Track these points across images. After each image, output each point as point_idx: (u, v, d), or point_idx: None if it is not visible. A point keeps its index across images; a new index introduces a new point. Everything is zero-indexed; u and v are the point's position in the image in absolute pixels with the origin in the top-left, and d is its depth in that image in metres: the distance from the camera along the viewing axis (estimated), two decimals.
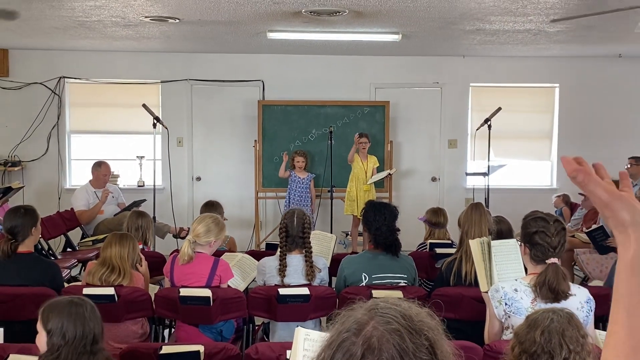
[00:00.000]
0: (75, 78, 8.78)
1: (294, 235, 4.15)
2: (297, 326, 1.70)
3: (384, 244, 4.24)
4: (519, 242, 3.25)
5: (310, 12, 5.80)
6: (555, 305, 2.97)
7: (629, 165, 7.57)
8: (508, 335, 3.09)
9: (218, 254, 4.53)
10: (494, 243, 3.41)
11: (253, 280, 4.63)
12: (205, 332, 4.06)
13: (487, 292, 3.25)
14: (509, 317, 3.07)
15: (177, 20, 6.27)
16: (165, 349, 3.06)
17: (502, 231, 4.48)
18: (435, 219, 5.49)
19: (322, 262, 4.30)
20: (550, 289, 2.97)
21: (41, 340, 2.55)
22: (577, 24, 6.29)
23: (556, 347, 2.10)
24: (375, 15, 5.96)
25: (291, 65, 8.82)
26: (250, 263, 4.87)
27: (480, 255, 3.38)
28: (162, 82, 8.85)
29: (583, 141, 9.08)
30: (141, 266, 4.39)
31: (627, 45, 7.86)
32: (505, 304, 3.06)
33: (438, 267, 4.52)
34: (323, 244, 4.98)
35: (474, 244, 3.43)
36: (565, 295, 2.99)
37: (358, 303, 1.23)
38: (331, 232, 6.81)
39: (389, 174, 7.91)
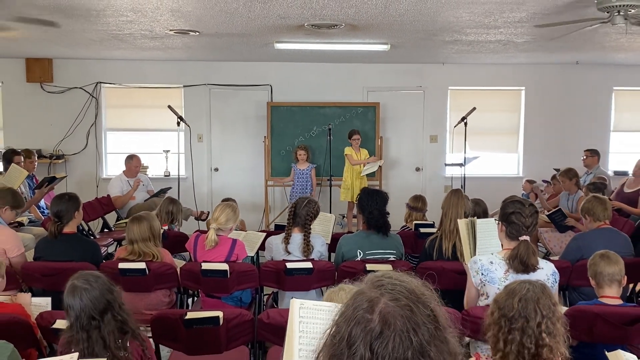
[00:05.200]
0: (110, 83, 8.73)
1: (298, 215, 4.14)
2: (292, 297, 1.68)
3: (376, 225, 4.21)
4: (497, 221, 3.22)
5: (312, 26, 5.76)
6: (525, 276, 2.95)
7: (584, 157, 7.55)
8: (483, 301, 3.07)
9: None
10: (479, 221, 3.38)
11: (262, 256, 4.63)
12: (227, 300, 4.05)
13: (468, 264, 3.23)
14: (484, 285, 3.05)
15: (198, 33, 6.23)
16: (190, 315, 3.04)
17: (480, 212, 4.46)
18: (414, 203, 5.51)
19: (320, 241, 4.26)
20: (521, 262, 2.94)
21: None
22: (540, 35, 6.26)
23: (531, 313, 2.09)
24: (368, 28, 5.92)
25: (295, 71, 8.78)
26: (255, 236, 4.90)
27: (466, 232, 3.35)
28: (184, 86, 8.81)
29: (545, 136, 9.08)
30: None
31: (584, 53, 7.82)
32: (482, 274, 3.03)
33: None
34: (324, 223, 4.96)
35: (462, 223, 3.40)
36: (534, 268, 2.96)
37: (360, 278, 1.19)
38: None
39: (380, 165, 7.88)
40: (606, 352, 2.29)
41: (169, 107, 7.12)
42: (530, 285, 2.15)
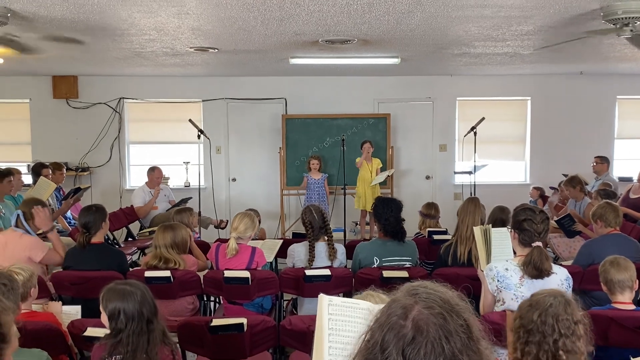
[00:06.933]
0: (132, 98, 8.79)
1: (318, 227, 4.12)
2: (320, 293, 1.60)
3: (392, 232, 4.19)
4: (510, 229, 3.18)
5: (326, 41, 5.75)
6: (539, 281, 2.91)
7: (594, 164, 7.47)
8: (499, 307, 3.02)
9: None
10: (493, 230, 3.33)
11: (280, 263, 4.62)
12: (248, 307, 4.04)
13: (483, 271, 3.19)
14: (500, 291, 3.00)
15: (216, 50, 6.25)
16: (215, 322, 3.02)
17: (504, 219, 4.38)
18: (427, 211, 5.48)
19: (341, 249, 4.25)
20: (535, 267, 2.90)
21: (104, 319, 2.47)
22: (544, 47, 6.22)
23: (549, 329, 2.02)
24: (379, 43, 5.91)
25: (309, 85, 8.78)
26: (273, 243, 4.91)
27: (482, 239, 3.31)
28: (203, 100, 8.84)
29: (551, 144, 9.01)
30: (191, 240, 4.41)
31: (587, 64, 7.76)
32: (498, 280, 2.99)
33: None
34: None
35: (477, 230, 3.35)
36: (547, 273, 2.92)
37: (397, 288, 1.17)
38: (344, 222, 6.79)
39: (388, 175, 7.84)
40: (632, 359, 2.23)
41: (190, 120, 7.13)
42: (554, 299, 2.08)
